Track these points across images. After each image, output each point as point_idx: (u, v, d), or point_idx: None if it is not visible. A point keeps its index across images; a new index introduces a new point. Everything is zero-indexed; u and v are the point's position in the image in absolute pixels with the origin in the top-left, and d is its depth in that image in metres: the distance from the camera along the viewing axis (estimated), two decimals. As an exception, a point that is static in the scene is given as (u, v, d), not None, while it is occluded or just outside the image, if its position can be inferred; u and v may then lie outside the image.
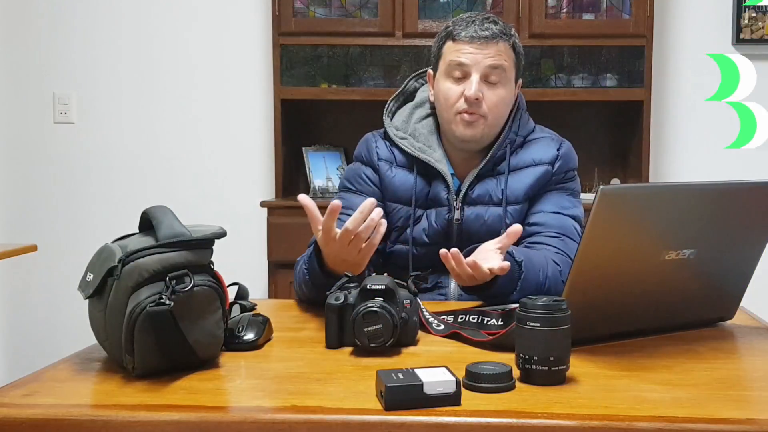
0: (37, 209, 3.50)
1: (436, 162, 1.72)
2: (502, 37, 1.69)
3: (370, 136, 1.83)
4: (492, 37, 1.68)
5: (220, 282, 1.20)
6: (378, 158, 1.78)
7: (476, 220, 1.71)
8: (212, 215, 3.26)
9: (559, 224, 1.70)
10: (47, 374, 1.17)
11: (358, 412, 1.00)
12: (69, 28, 3.43)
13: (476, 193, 1.73)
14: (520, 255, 1.54)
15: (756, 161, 3.30)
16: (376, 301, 1.24)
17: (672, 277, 1.33)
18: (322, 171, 3.26)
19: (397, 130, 1.78)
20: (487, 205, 1.72)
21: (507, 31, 1.72)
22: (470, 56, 1.68)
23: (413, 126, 1.78)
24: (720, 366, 1.23)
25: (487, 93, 1.68)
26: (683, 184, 1.72)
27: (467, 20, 1.71)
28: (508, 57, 1.71)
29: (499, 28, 1.70)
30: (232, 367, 1.20)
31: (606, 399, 1.05)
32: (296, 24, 3.10)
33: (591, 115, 3.30)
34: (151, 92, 3.44)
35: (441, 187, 1.73)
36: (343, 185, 1.82)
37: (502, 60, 1.69)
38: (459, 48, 1.69)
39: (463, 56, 1.68)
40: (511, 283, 1.51)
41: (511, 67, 1.71)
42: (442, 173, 1.72)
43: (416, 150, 1.74)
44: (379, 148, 1.79)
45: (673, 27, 3.33)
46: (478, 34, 1.68)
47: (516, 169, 1.74)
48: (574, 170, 1.80)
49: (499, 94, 1.70)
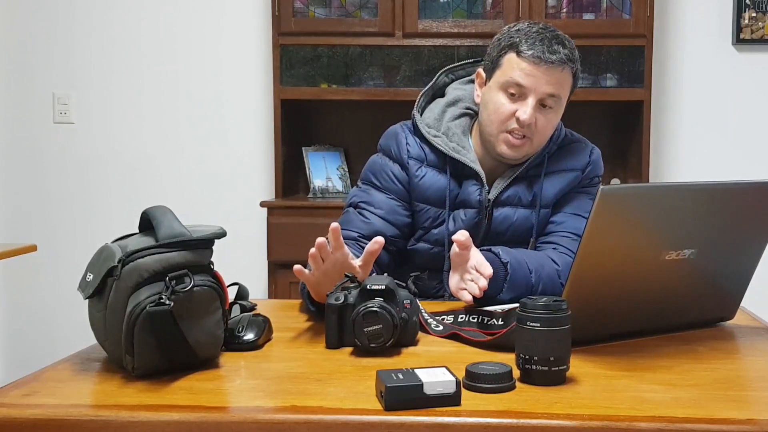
0: (37, 209, 3.50)
1: (471, 163, 1.67)
2: (568, 64, 1.62)
3: (399, 129, 1.75)
4: (558, 62, 1.60)
5: (220, 282, 1.20)
6: (408, 156, 1.71)
7: (504, 221, 1.69)
8: (212, 215, 3.26)
9: (574, 225, 1.70)
10: (47, 374, 1.17)
11: (358, 412, 1.00)
12: (69, 28, 3.43)
13: (506, 195, 1.70)
14: (506, 256, 1.53)
15: (756, 161, 3.30)
16: (376, 301, 1.24)
17: (672, 277, 1.33)
18: (322, 171, 3.26)
19: (429, 128, 1.72)
20: (515, 206, 1.69)
21: (572, 56, 1.63)
22: (532, 79, 1.60)
23: (446, 125, 1.72)
24: (720, 366, 1.23)
25: (539, 117, 1.62)
26: (683, 184, 1.72)
27: (535, 36, 1.61)
28: (567, 85, 1.65)
29: (567, 53, 1.61)
30: (232, 367, 1.20)
31: (606, 399, 1.05)
32: (296, 24, 3.10)
33: (591, 115, 3.30)
34: (151, 92, 3.44)
35: (474, 188, 1.68)
36: (368, 178, 1.74)
37: (562, 89, 1.63)
38: (522, 67, 1.60)
39: (525, 78, 1.60)
40: (496, 285, 1.50)
41: (566, 93, 1.66)
42: (479, 174, 1.67)
43: (450, 150, 1.68)
44: (410, 144, 1.72)
45: (673, 27, 3.33)
46: (545, 57, 1.59)
47: (549, 173, 1.72)
48: (600, 177, 1.79)
49: (551, 119, 1.65)
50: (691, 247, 1.30)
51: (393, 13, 3.06)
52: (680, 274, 1.33)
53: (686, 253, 1.30)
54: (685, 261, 1.30)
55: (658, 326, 1.39)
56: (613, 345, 1.31)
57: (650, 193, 1.31)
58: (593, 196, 1.72)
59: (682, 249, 1.29)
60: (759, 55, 3.30)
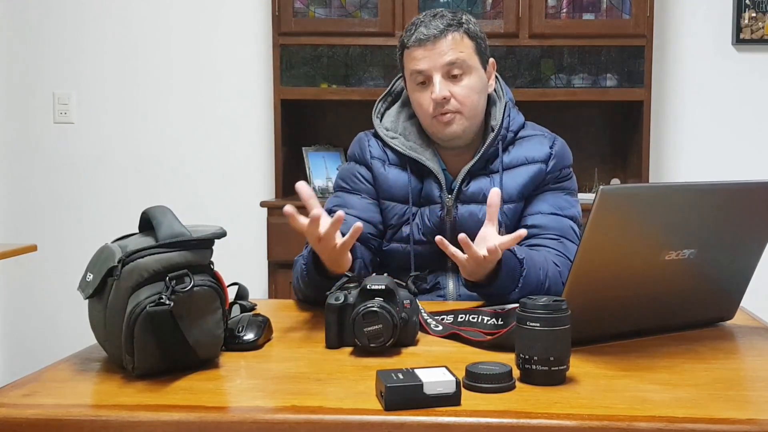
0: (37, 209, 3.50)
1: (427, 160, 1.72)
2: (451, 29, 1.66)
3: (363, 135, 1.82)
4: (440, 33, 1.65)
5: (220, 282, 1.20)
6: (371, 156, 1.77)
7: (470, 217, 1.70)
8: (212, 215, 3.26)
9: (557, 226, 1.70)
10: (47, 374, 1.17)
11: (358, 412, 1.00)
12: (69, 28, 3.43)
13: (470, 191, 1.72)
14: (522, 252, 1.54)
15: (756, 161, 3.31)
16: (376, 301, 1.24)
17: (672, 277, 1.33)
18: (322, 171, 3.26)
19: (387, 131, 1.78)
20: (481, 203, 1.70)
21: (456, 20, 1.67)
22: (425, 61, 1.66)
23: (402, 125, 1.77)
24: (720, 366, 1.23)
25: (453, 89, 1.66)
26: (683, 184, 1.72)
27: (415, 23, 1.69)
28: (464, 47, 1.67)
29: (446, 21, 1.66)
30: (232, 367, 1.20)
31: (606, 399, 1.05)
32: (296, 24, 3.10)
33: (591, 115, 3.30)
34: (151, 92, 3.44)
35: (434, 185, 1.72)
36: (339, 185, 1.81)
37: (458, 52, 1.66)
38: (413, 55, 1.67)
39: (419, 63, 1.66)
40: (512, 280, 1.51)
41: (471, 54, 1.68)
42: (434, 171, 1.71)
43: (408, 149, 1.73)
44: (371, 146, 1.78)
45: (673, 27, 3.33)
46: (425, 35, 1.65)
47: (510, 167, 1.73)
48: (569, 167, 1.78)
49: (468, 85, 1.67)
50: (691, 247, 1.30)
51: (393, 13, 3.06)
52: (680, 274, 1.33)
53: (686, 253, 1.30)
54: (685, 261, 1.30)
55: (658, 326, 1.39)
56: (613, 345, 1.31)
57: (650, 193, 1.31)
58: (568, 191, 1.76)
59: (682, 249, 1.29)
60: (759, 55, 3.31)
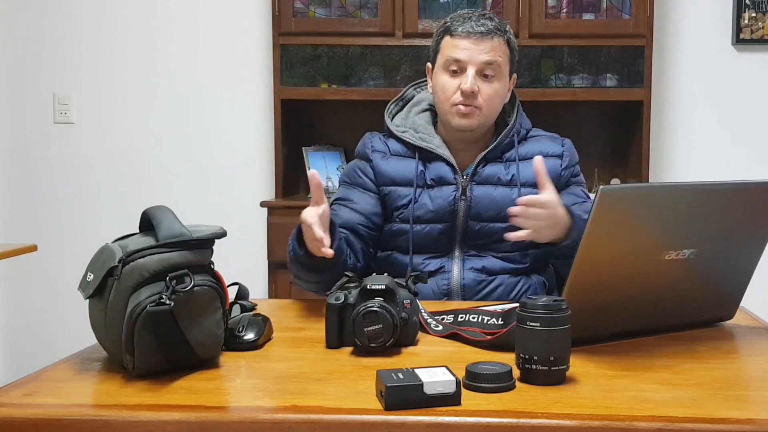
0: (37, 209, 3.50)
1: (436, 148, 1.80)
2: (497, 33, 1.76)
3: (368, 133, 1.92)
4: (487, 33, 1.75)
5: (220, 282, 1.20)
6: (372, 150, 1.86)
7: (485, 197, 1.77)
8: (212, 215, 3.26)
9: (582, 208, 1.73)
10: (47, 374, 1.17)
11: (358, 412, 1.00)
12: (69, 28, 3.43)
13: (485, 173, 1.79)
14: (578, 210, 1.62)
15: (756, 161, 3.30)
16: (376, 301, 1.24)
17: (672, 277, 1.33)
18: (322, 171, 3.25)
19: (397, 126, 1.86)
20: (495, 185, 1.79)
21: (502, 27, 1.79)
22: (466, 52, 1.75)
23: (411, 119, 1.87)
24: (720, 366, 1.23)
25: (482, 86, 1.75)
26: (683, 184, 1.72)
27: (464, 16, 1.78)
28: (502, 53, 1.78)
29: (495, 24, 1.77)
30: (232, 367, 1.20)
31: (606, 399, 1.05)
32: (296, 24, 3.10)
33: (591, 115, 3.30)
34: (151, 92, 3.44)
35: (446, 168, 1.79)
36: (342, 180, 1.91)
37: (497, 56, 1.76)
38: (456, 44, 1.76)
39: (460, 52, 1.75)
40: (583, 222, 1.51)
41: (505, 62, 1.78)
42: (444, 156, 1.79)
43: (418, 140, 1.82)
44: (374, 142, 1.87)
45: (673, 27, 3.33)
46: (474, 30, 1.75)
47: (525, 158, 1.80)
48: (577, 164, 1.90)
49: (494, 88, 1.77)
50: (690, 247, 1.30)
51: (393, 13, 3.06)
52: (680, 274, 1.33)
53: (686, 253, 1.30)
54: (685, 261, 1.30)
55: (657, 326, 1.39)
56: (613, 345, 1.31)
57: (650, 193, 1.31)
58: (582, 185, 1.87)
59: (682, 249, 1.29)
60: (759, 55, 3.30)
